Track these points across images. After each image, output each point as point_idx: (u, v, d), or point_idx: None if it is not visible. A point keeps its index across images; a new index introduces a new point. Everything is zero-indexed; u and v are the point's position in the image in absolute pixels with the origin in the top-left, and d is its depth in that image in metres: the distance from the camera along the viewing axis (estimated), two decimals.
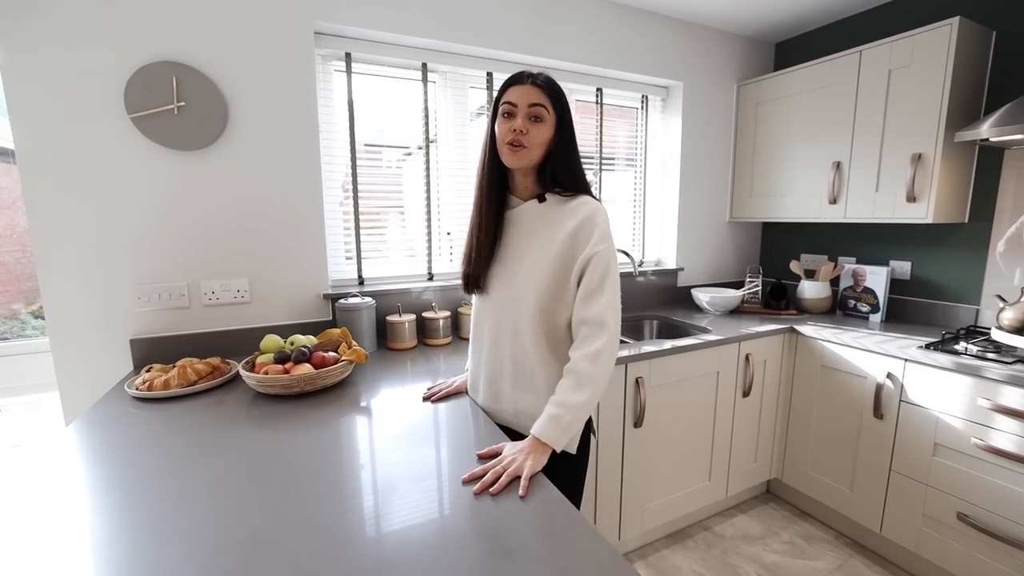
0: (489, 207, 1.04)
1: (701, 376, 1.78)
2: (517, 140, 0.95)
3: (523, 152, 0.96)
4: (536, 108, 0.95)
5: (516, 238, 1.04)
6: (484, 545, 0.65)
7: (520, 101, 0.95)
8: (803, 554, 1.80)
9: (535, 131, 0.95)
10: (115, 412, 1.11)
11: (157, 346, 1.45)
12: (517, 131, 0.94)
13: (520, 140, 0.95)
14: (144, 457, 0.90)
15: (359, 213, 1.77)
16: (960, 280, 1.91)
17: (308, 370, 1.20)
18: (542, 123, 0.96)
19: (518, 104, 0.95)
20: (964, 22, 1.62)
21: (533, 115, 0.95)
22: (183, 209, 1.45)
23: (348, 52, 1.66)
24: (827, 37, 2.27)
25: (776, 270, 2.57)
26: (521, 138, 0.95)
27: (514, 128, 0.95)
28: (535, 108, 0.95)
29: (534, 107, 0.95)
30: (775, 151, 2.25)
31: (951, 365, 1.49)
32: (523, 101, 0.95)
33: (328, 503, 0.75)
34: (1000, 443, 1.40)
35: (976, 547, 1.47)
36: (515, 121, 0.95)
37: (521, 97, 0.95)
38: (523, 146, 0.95)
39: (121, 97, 1.32)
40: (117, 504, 0.75)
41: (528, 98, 0.95)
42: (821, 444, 1.90)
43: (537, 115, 0.95)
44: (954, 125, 1.69)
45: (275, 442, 0.96)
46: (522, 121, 0.95)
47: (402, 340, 1.64)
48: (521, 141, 0.95)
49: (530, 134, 0.95)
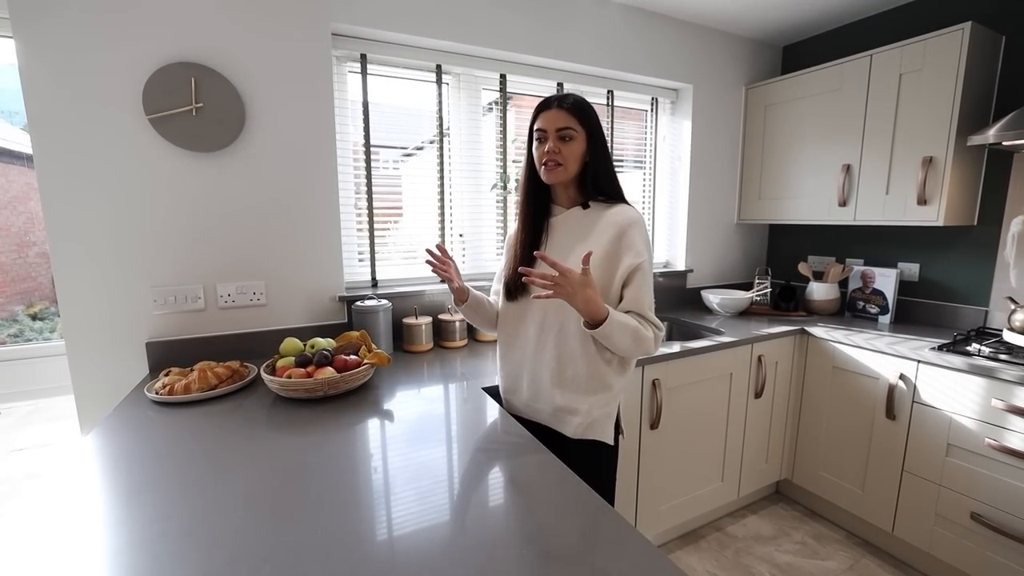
0: (527, 219, 1.13)
1: (715, 377, 1.79)
2: (552, 159, 1.05)
3: (559, 170, 1.06)
4: (564, 131, 1.04)
5: (561, 240, 1.11)
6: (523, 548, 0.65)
7: (549, 127, 1.05)
8: (815, 554, 1.81)
9: (566, 150, 1.05)
10: (136, 417, 1.10)
11: (173, 349, 1.43)
12: (551, 152, 1.05)
13: (554, 159, 1.05)
14: (169, 464, 0.89)
15: (373, 215, 1.76)
16: (969, 282, 1.93)
17: (331, 373, 1.19)
18: (572, 141, 1.05)
19: (547, 129, 1.05)
20: (975, 27, 1.64)
21: (562, 136, 1.04)
22: (200, 211, 1.44)
23: (364, 53, 1.66)
24: (833, 41, 2.28)
25: (783, 272, 2.58)
26: (555, 157, 1.05)
27: (547, 150, 1.05)
28: (563, 131, 1.04)
29: (562, 130, 1.04)
30: (784, 154, 2.27)
31: (964, 366, 1.51)
32: (551, 127, 1.05)
33: (364, 509, 0.75)
34: (1014, 443, 1.42)
35: (990, 547, 1.49)
36: (547, 144, 1.05)
37: (549, 123, 1.05)
38: (558, 164, 1.05)
39: (139, 98, 1.31)
40: (154, 511, 0.74)
41: (556, 123, 1.04)
42: (832, 445, 1.92)
43: (567, 135, 1.04)
44: (965, 129, 1.70)
45: (302, 447, 0.96)
46: (553, 143, 1.05)
47: (419, 343, 1.64)
48: (556, 159, 1.05)
49: (562, 153, 1.05)
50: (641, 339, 1.02)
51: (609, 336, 0.99)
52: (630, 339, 1.01)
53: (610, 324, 0.97)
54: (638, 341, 1.02)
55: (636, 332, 1.01)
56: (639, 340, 1.02)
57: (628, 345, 1.02)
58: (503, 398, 1.23)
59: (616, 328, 0.98)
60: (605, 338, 1.00)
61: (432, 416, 1.12)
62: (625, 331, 1.00)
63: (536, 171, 1.09)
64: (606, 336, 0.99)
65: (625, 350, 1.03)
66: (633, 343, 1.02)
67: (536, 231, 1.13)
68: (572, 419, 1.09)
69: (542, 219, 1.14)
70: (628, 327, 1.00)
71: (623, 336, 1.00)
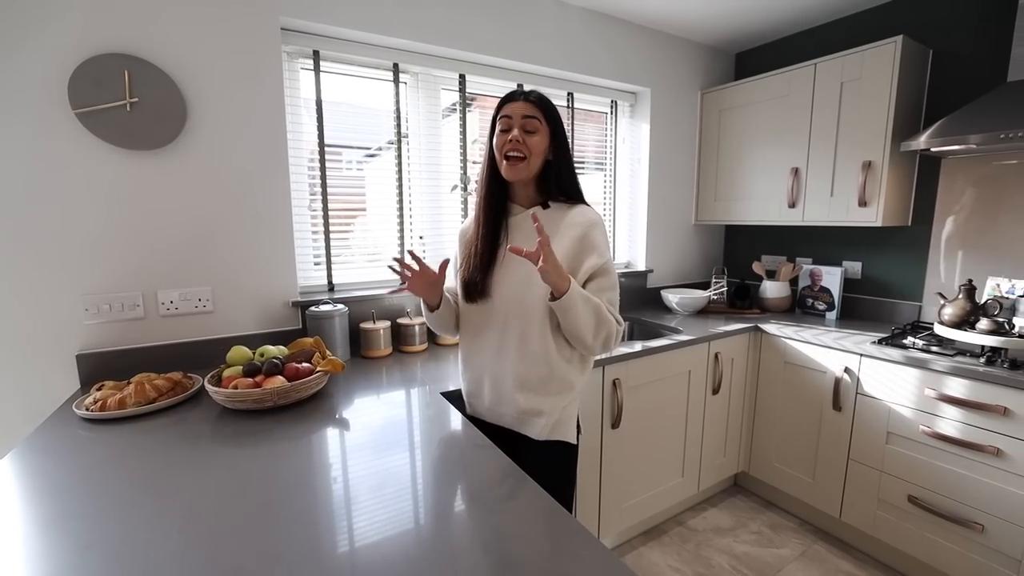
0: (487, 217, 1.10)
1: (674, 376, 1.83)
2: (515, 149, 1.03)
3: (522, 165, 1.04)
4: (530, 120, 1.03)
5: (523, 240, 1.08)
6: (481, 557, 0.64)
7: (515, 114, 1.04)
8: (770, 543, 1.88)
9: (531, 141, 1.03)
10: (62, 436, 1.01)
11: (109, 361, 1.34)
12: (514, 141, 1.03)
13: (518, 148, 1.03)
14: (100, 485, 0.83)
15: (328, 217, 1.70)
16: (905, 279, 2.06)
17: (281, 382, 1.14)
18: (537, 134, 1.04)
19: (513, 116, 1.04)
20: (906, 40, 1.75)
21: (527, 127, 1.03)
22: (137, 213, 1.34)
23: (316, 50, 1.60)
24: (782, 50, 2.39)
25: (739, 271, 2.68)
26: (519, 147, 1.03)
27: (511, 139, 1.03)
28: (529, 120, 1.03)
29: (528, 119, 1.03)
30: (738, 156, 2.35)
31: (901, 359, 1.60)
32: (517, 114, 1.03)
33: (311, 525, 0.71)
34: (945, 429, 1.52)
35: (926, 527, 1.59)
36: (511, 132, 1.03)
37: (515, 111, 1.04)
38: (521, 156, 1.03)
39: (64, 91, 1.21)
40: (72, 540, 0.68)
41: (522, 111, 1.03)
42: (785, 437, 2.00)
43: (531, 127, 1.03)
44: (899, 135, 1.82)
45: (248, 461, 0.91)
46: (518, 132, 1.03)
47: (377, 348, 1.59)
48: (519, 150, 1.03)
49: (526, 144, 1.03)
50: (603, 318, 1.00)
51: (573, 306, 0.96)
52: (592, 314, 0.99)
53: (572, 293, 0.95)
54: (600, 319, 1.00)
55: (598, 309, 1.00)
56: (600, 319, 1.00)
57: (590, 320, 0.99)
58: (466, 402, 1.21)
59: (580, 298, 0.97)
60: (570, 308, 0.96)
61: (389, 423, 1.09)
62: (588, 304, 0.98)
63: (497, 168, 1.07)
64: (570, 307, 0.96)
65: (586, 328, 0.99)
66: (595, 319, 1.00)
67: (496, 230, 1.11)
68: (537, 421, 1.08)
69: (502, 218, 1.12)
70: (591, 301, 0.99)
71: (586, 309, 0.98)
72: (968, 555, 1.49)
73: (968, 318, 1.60)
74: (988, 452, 1.43)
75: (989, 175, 1.79)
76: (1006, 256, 1.76)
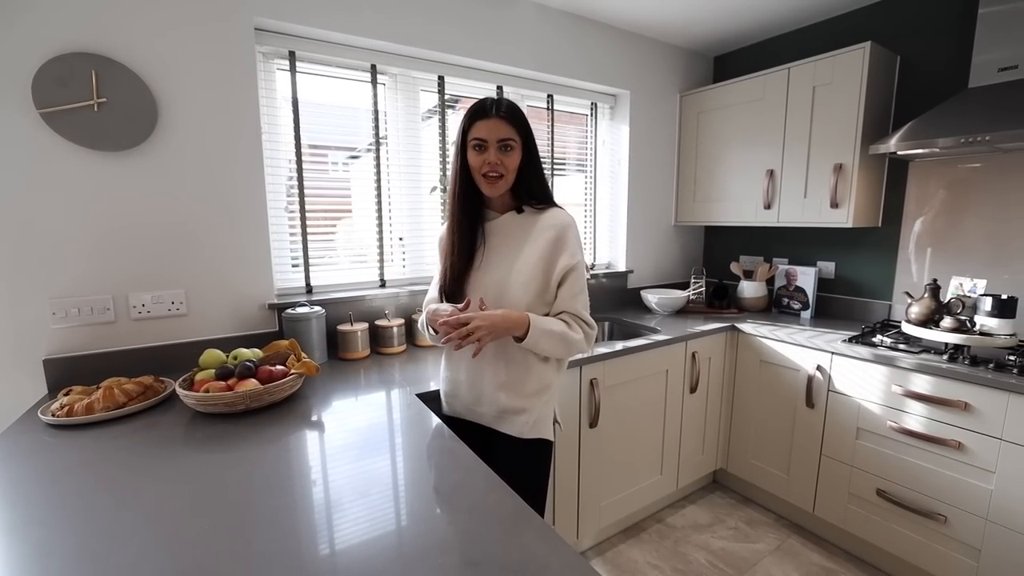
0: (461, 225, 1.12)
1: (652, 375, 1.85)
2: (494, 171, 1.05)
3: (501, 183, 1.07)
4: (505, 142, 1.04)
5: (498, 246, 1.12)
6: (448, 557, 0.65)
7: (489, 136, 1.04)
8: (747, 538, 1.92)
9: (508, 160, 1.05)
10: (25, 443, 1.00)
11: (77, 366, 1.31)
12: (492, 164, 1.04)
13: (497, 171, 1.05)
14: (65, 492, 0.82)
15: (306, 218, 1.69)
16: (875, 278, 2.11)
17: (254, 385, 1.13)
18: (512, 152, 1.06)
19: (488, 139, 1.04)
20: (875, 46, 1.80)
21: (503, 147, 1.04)
22: (106, 215, 1.32)
23: (292, 51, 1.59)
24: (757, 54, 2.43)
25: (718, 271, 2.72)
26: (498, 169, 1.05)
27: (488, 161, 1.04)
28: (505, 142, 1.04)
29: (503, 141, 1.04)
30: (715, 158, 2.39)
31: (870, 356, 1.65)
32: (492, 136, 1.03)
33: (282, 528, 0.71)
34: (911, 425, 1.56)
35: (894, 519, 1.63)
36: (488, 155, 1.04)
37: (490, 132, 1.03)
38: (500, 176, 1.05)
39: (28, 90, 1.19)
40: (34, 548, 0.67)
41: (496, 133, 1.03)
42: (761, 434, 2.04)
43: (507, 147, 1.05)
44: (869, 139, 1.86)
45: (219, 465, 0.90)
46: (494, 154, 1.04)
47: (354, 350, 1.59)
48: (498, 171, 1.05)
49: (504, 164, 1.05)
50: (570, 342, 1.06)
51: (537, 343, 1.04)
52: (559, 342, 1.06)
53: (534, 331, 1.01)
54: (567, 343, 1.07)
55: (563, 336, 1.05)
56: (568, 343, 1.07)
57: (558, 348, 1.07)
58: (444, 402, 1.22)
59: (542, 335, 1.03)
60: (533, 346, 1.04)
61: (364, 426, 1.09)
62: (552, 336, 1.04)
63: (470, 177, 1.08)
64: (534, 344, 1.04)
65: (557, 353, 1.09)
66: (563, 345, 1.07)
67: (472, 237, 1.13)
68: (517, 419, 1.11)
69: (477, 224, 1.14)
70: (554, 333, 1.04)
71: (551, 341, 1.05)
72: (932, 545, 1.54)
73: (933, 316, 1.65)
74: (950, 446, 1.47)
75: (955, 178, 1.84)
76: (969, 256, 1.82)
